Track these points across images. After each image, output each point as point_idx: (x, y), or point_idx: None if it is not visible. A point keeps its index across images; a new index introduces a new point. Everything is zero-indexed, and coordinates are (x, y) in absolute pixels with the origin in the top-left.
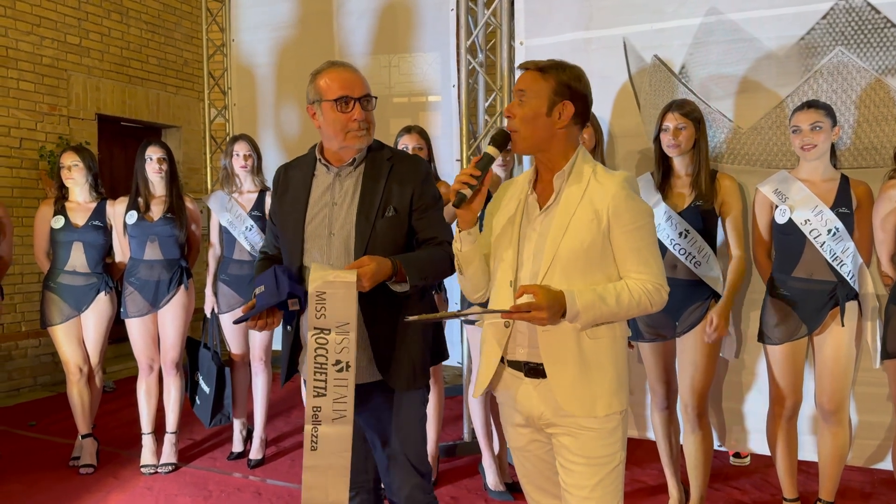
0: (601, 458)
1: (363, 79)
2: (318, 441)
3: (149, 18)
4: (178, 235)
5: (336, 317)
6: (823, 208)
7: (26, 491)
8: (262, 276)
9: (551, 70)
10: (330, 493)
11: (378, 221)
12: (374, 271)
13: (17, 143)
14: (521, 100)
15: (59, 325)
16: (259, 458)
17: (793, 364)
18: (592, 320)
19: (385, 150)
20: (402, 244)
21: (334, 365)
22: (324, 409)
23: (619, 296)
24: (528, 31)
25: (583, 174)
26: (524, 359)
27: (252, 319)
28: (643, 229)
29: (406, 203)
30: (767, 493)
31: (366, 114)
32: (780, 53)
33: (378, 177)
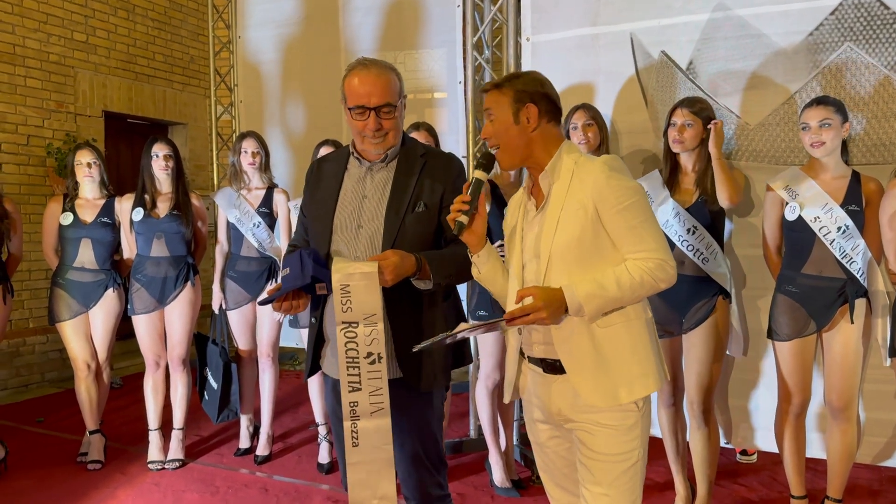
0: (620, 455)
1: (386, 83)
2: (358, 436)
3: (155, 15)
4: (184, 232)
5: (362, 309)
6: (833, 205)
7: (35, 486)
8: (288, 259)
9: (506, 83)
10: (377, 487)
11: (407, 216)
12: (397, 265)
13: (24, 140)
14: (491, 119)
15: (68, 321)
16: (266, 454)
17: (801, 361)
18: (598, 309)
19: (419, 146)
20: (431, 241)
21: (366, 358)
22: (361, 404)
23: (619, 279)
24: (535, 27)
25: (567, 169)
26: (541, 355)
27: (277, 301)
28: (633, 207)
29: (437, 199)
30: (775, 491)
31: (382, 122)
32: (789, 49)
33: (410, 172)
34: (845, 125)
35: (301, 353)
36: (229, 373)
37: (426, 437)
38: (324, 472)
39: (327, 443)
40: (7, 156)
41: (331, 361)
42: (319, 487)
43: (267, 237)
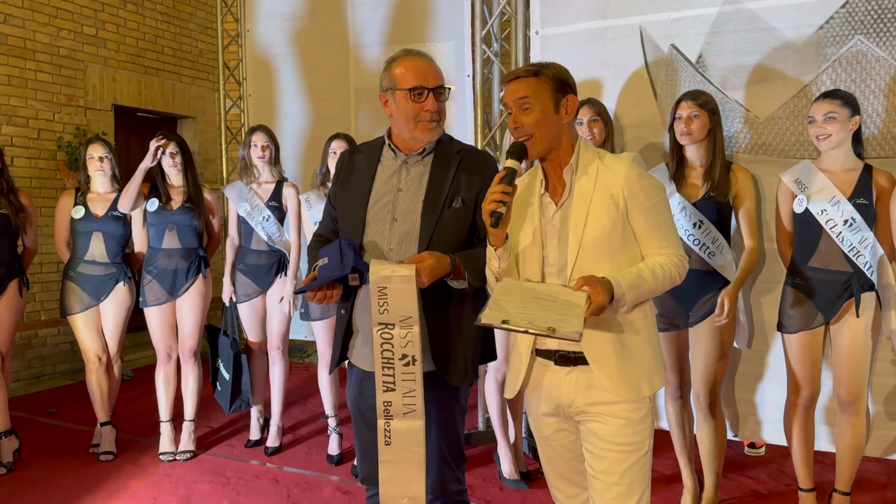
0: (631, 446)
1: (438, 69)
2: (391, 436)
3: (164, 9)
4: (196, 225)
5: (399, 311)
6: (841, 198)
7: (48, 476)
8: (326, 249)
9: (545, 71)
10: (407, 487)
11: (444, 211)
12: (433, 266)
13: (35, 134)
14: (525, 107)
15: (79, 314)
16: (276, 445)
17: (810, 353)
18: (635, 300)
19: (454, 142)
20: (465, 237)
21: (401, 359)
22: (394, 404)
23: (654, 271)
24: (544, 20)
25: (590, 163)
26: (556, 347)
27: (312, 291)
28: (659, 205)
29: (473, 196)
30: (783, 483)
31: (438, 105)
32: (799, 42)
33: (447, 167)
34: (854, 118)
35: (311, 345)
36: (240, 364)
37: (450, 432)
38: (333, 463)
39: (337, 434)
40: (18, 149)
41: (362, 352)
42: (329, 479)
43: (276, 231)
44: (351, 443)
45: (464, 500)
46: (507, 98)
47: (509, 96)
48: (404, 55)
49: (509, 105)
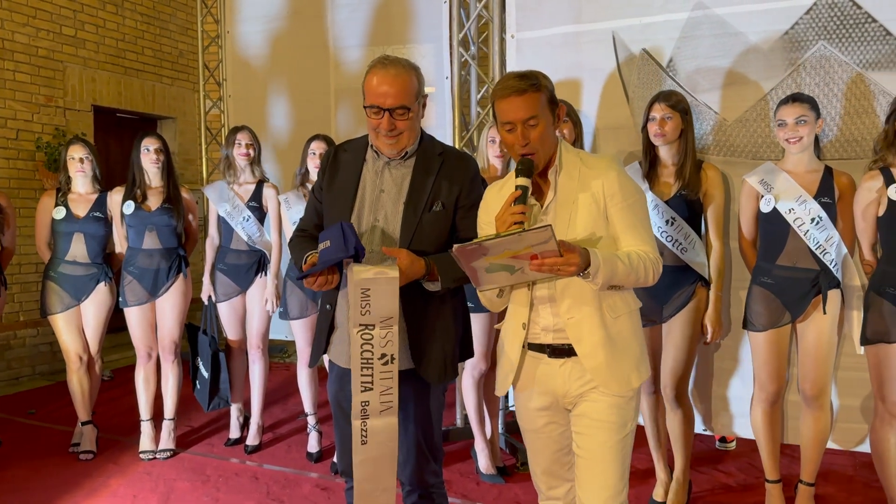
0: (615, 423)
1: (402, 84)
2: (367, 434)
3: (144, 10)
4: (175, 225)
5: (380, 312)
6: (807, 198)
7: (29, 476)
8: (327, 231)
9: (541, 83)
10: (380, 481)
11: (425, 215)
12: (407, 266)
13: (13, 135)
14: (533, 124)
15: (60, 313)
16: (256, 443)
17: (776, 350)
18: (609, 276)
19: (437, 145)
20: (446, 240)
21: (380, 359)
22: (372, 403)
23: (630, 256)
24: (519, 24)
25: (572, 164)
26: (549, 342)
27: (313, 276)
28: (636, 205)
29: (453, 200)
30: (752, 476)
31: (396, 122)
32: (765, 47)
33: (428, 171)
34: (819, 121)
35: (291, 345)
36: (218, 362)
37: (428, 427)
38: (313, 460)
39: (316, 432)
40: None
41: (338, 350)
42: (308, 475)
43: (256, 231)
44: (330, 440)
45: (441, 493)
46: (511, 116)
47: (513, 114)
48: (375, 66)
49: (513, 123)
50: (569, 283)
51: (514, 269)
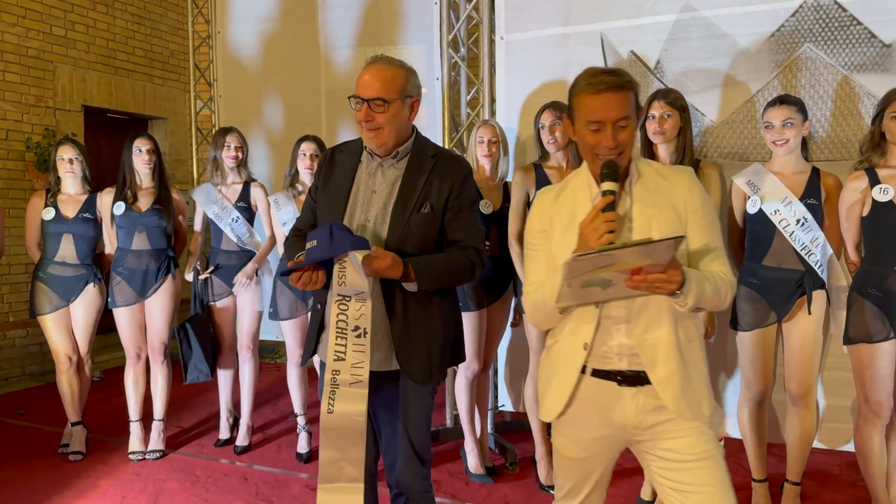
0: (713, 451)
1: (385, 78)
2: (334, 403)
3: (134, 10)
4: (165, 226)
5: (353, 284)
6: (793, 199)
7: (18, 477)
8: (316, 231)
9: (633, 81)
10: (347, 451)
11: (413, 216)
12: (385, 268)
13: (3, 135)
14: (623, 125)
15: (49, 314)
16: (245, 444)
17: (763, 350)
18: (699, 296)
19: (430, 146)
20: (434, 242)
21: (353, 331)
22: (342, 374)
23: (715, 277)
24: (508, 26)
25: (648, 173)
26: (623, 367)
27: (298, 273)
28: (715, 222)
29: (442, 201)
30: (739, 476)
31: (374, 115)
32: (752, 49)
33: (420, 172)
34: (806, 123)
35: (282, 346)
36: (185, 332)
37: (417, 430)
38: (302, 461)
39: (306, 433)
40: None
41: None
42: (298, 476)
43: (246, 231)
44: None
45: (430, 497)
46: (603, 115)
47: (606, 113)
48: (368, 62)
49: (602, 122)
50: (647, 301)
51: (609, 284)
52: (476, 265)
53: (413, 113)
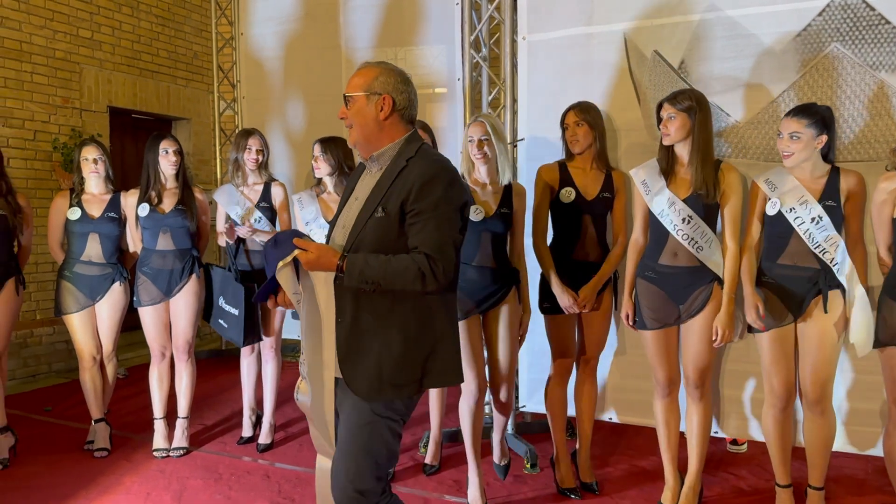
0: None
1: (356, 76)
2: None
3: (159, 12)
4: (189, 226)
5: (288, 286)
6: (809, 198)
7: (44, 472)
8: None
9: None
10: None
11: (369, 221)
12: (313, 260)
13: (31, 136)
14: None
15: (75, 313)
16: (268, 442)
17: (782, 351)
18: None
19: (412, 149)
20: (392, 247)
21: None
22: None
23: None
24: (531, 26)
25: None
26: None
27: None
28: None
29: (398, 205)
30: (763, 480)
31: (344, 112)
32: (778, 49)
33: (390, 176)
34: (819, 138)
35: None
36: (251, 297)
37: (349, 448)
38: None
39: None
40: (14, 151)
41: None
42: None
43: (269, 230)
44: None
45: None
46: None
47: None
48: None
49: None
50: None
51: None
52: (426, 275)
53: (382, 112)
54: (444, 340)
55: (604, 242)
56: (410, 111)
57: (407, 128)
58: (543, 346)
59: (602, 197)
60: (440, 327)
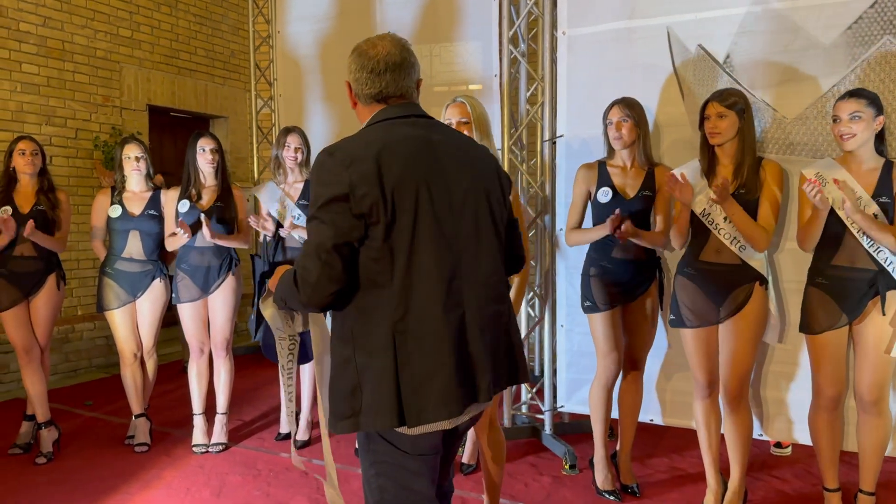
0: None
1: None
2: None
3: (197, 11)
4: (227, 223)
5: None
6: (863, 194)
7: (86, 466)
8: None
9: None
10: None
11: None
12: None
13: (72, 134)
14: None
15: (116, 309)
16: (306, 438)
17: (834, 353)
18: None
19: None
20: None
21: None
22: None
23: None
24: (571, 20)
25: None
26: None
27: None
28: None
29: None
30: (809, 484)
31: None
32: (827, 42)
33: None
34: (878, 118)
35: None
36: None
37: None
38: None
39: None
40: (57, 149)
41: None
42: (357, 472)
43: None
44: None
45: None
46: (842, 111)
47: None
48: None
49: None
50: None
51: None
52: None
53: (350, 100)
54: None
55: None
56: (363, 90)
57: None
58: (583, 346)
59: (642, 195)
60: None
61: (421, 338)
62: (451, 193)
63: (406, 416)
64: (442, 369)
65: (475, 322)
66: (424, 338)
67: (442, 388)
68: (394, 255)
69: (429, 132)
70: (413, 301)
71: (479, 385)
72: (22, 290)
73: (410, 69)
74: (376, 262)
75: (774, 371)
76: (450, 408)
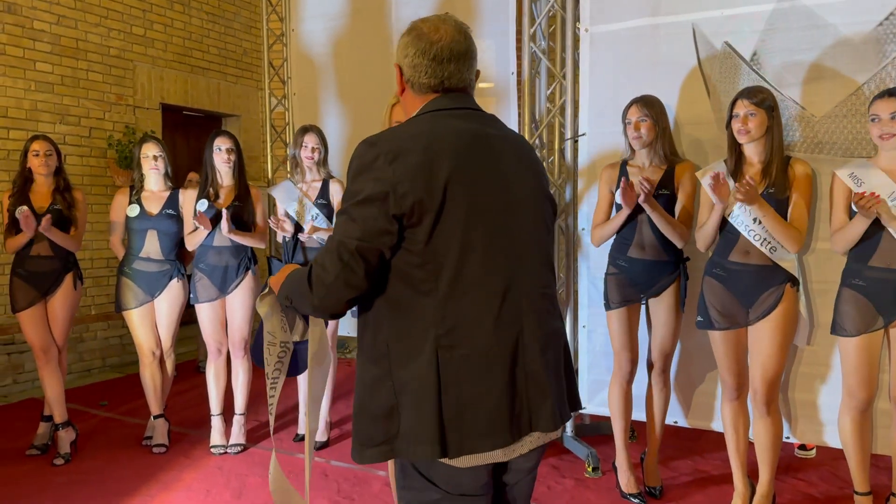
0: None
1: None
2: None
3: (210, 9)
4: (245, 222)
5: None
6: None
7: (104, 467)
8: None
9: None
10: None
11: None
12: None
13: (86, 133)
14: None
15: (134, 309)
16: (324, 440)
17: (867, 357)
18: None
19: None
20: None
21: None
22: None
23: None
24: (593, 17)
25: None
26: None
27: None
28: None
29: None
30: (835, 486)
31: None
32: (857, 39)
33: None
34: None
35: (352, 341)
36: None
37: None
38: None
39: None
40: (71, 147)
41: None
42: (377, 473)
43: (326, 227)
44: None
45: None
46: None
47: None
48: None
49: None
50: None
51: None
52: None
53: (399, 85)
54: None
55: (663, 239)
56: (420, 79)
57: (421, 101)
58: (605, 346)
59: (659, 194)
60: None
61: (469, 355)
62: (510, 193)
63: (448, 445)
64: (491, 392)
65: (535, 339)
66: (472, 355)
67: (488, 413)
68: (440, 260)
69: (483, 126)
70: (461, 313)
71: (539, 411)
72: (39, 290)
73: (473, 59)
74: (419, 269)
75: (803, 373)
76: (495, 438)
